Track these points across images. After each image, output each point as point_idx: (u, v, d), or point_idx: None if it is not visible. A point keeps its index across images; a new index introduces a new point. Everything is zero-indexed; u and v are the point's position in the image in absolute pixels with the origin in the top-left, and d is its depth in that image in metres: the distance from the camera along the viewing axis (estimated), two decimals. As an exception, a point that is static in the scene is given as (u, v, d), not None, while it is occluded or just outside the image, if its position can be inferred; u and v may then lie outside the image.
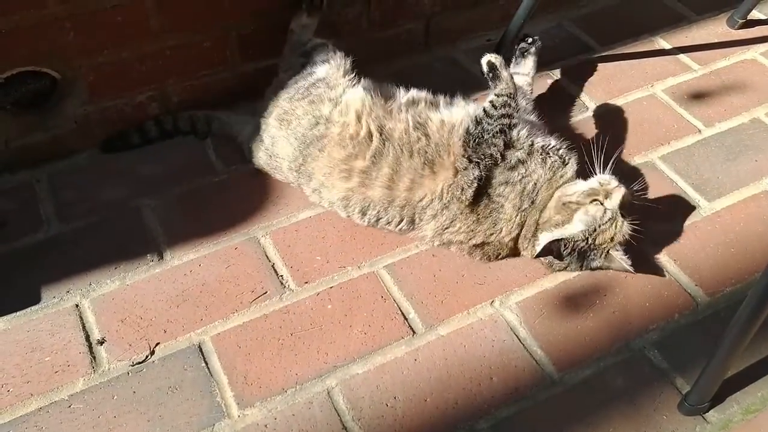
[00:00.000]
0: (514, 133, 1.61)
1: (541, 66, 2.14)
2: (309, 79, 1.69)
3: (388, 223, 1.61)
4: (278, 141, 1.68)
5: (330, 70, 1.70)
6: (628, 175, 1.82)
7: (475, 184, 1.54)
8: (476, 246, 1.60)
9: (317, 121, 1.63)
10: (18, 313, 1.51)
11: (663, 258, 1.67)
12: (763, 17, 2.38)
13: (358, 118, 1.61)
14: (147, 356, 1.45)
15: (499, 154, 1.57)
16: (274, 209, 1.73)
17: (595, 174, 1.62)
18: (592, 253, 1.56)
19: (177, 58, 1.80)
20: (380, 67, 2.12)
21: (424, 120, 1.61)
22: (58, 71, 1.68)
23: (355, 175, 1.59)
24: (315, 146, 1.62)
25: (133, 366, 1.44)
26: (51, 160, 1.80)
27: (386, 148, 1.57)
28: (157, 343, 1.48)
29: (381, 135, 1.59)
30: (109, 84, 1.76)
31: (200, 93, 1.90)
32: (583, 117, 2.02)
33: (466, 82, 2.06)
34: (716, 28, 2.34)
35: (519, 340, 1.51)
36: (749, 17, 2.32)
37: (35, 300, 1.54)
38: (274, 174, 1.75)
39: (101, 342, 1.47)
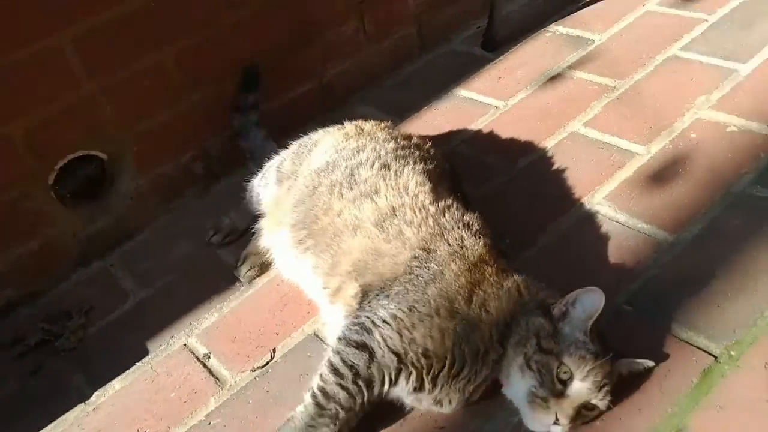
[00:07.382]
0: None
1: (538, 25, 2.24)
2: None
3: None
4: None
5: None
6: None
7: None
8: None
9: None
10: (131, 369, 1.49)
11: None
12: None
13: None
14: (269, 360, 1.42)
15: None
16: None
17: None
18: None
19: (205, 113, 1.87)
20: (388, 78, 2.22)
21: None
22: (104, 151, 1.75)
23: None
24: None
25: (255, 371, 1.41)
26: (118, 244, 1.83)
27: None
28: (274, 349, 1.45)
29: None
30: (153, 151, 1.82)
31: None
32: (587, 51, 2.08)
33: (469, 64, 2.17)
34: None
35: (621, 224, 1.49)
36: None
37: (144, 354, 1.52)
38: None
39: (209, 357, 1.46)
